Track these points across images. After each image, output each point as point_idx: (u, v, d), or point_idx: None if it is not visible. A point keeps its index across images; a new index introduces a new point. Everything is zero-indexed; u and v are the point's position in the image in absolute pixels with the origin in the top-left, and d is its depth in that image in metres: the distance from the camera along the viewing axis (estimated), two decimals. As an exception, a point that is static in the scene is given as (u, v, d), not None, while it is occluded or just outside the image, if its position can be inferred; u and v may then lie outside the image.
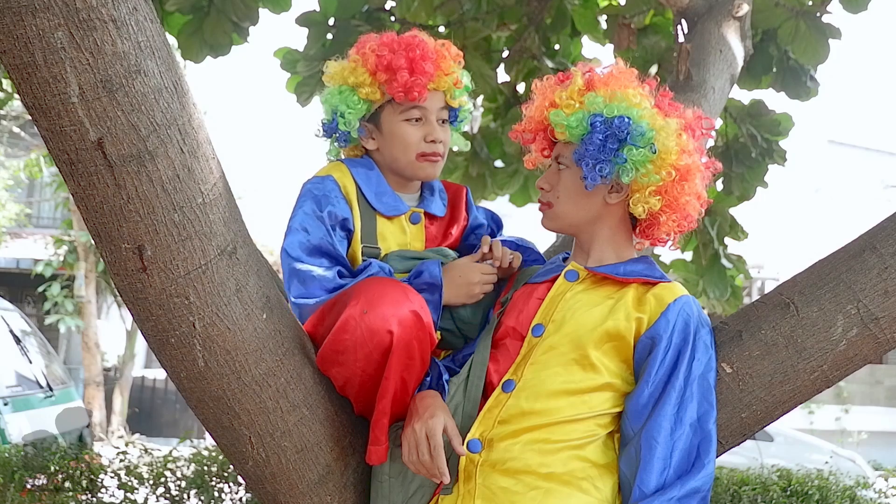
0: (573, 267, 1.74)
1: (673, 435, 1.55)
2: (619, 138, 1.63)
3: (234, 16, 3.59)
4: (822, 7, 3.60)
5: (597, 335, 1.62)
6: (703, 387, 1.60)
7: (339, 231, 1.83)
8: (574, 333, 1.64)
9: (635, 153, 1.62)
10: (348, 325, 1.60)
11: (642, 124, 1.63)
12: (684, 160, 1.65)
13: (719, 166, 1.80)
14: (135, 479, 4.15)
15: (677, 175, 1.65)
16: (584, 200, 1.72)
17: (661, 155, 1.63)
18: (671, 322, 1.61)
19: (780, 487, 4.02)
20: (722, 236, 4.34)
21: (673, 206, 1.68)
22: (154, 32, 1.37)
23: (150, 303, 1.49)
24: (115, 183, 1.37)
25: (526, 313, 1.72)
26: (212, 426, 1.66)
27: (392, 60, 1.83)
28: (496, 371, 1.69)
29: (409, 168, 1.90)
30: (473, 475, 1.59)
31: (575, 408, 1.60)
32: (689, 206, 1.69)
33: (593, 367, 1.62)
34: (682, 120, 1.70)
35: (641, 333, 1.63)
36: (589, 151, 1.65)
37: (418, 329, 1.63)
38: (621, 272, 1.69)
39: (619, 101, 1.65)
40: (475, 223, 2.05)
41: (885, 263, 1.70)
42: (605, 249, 1.74)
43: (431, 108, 1.89)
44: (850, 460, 8.99)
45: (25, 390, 5.85)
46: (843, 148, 18.06)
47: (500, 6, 3.96)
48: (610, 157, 1.64)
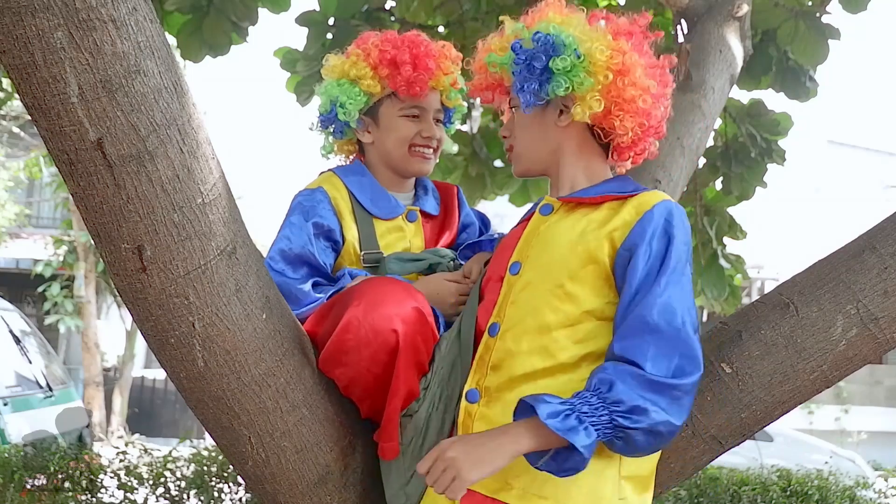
0: (547, 200, 1.70)
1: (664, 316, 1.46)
2: (543, 53, 1.60)
3: (233, 15, 3.60)
4: (821, 7, 3.60)
5: (571, 263, 1.57)
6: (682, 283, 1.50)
7: (322, 241, 1.86)
8: (548, 265, 1.59)
9: (559, 62, 1.59)
10: (351, 326, 1.60)
11: (562, 35, 1.61)
12: (618, 58, 1.60)
13: (673, 59, 1.73)
14: (134, 479, 4.15)
15: (615, 76, 1.60)
16: (538, 131, 1.69)
17: (589, 59, 1.60)
18: (648, 228, 1.52)
19: (780, 487, 4.02)
20: (721, 236, 4.35)
21: (622, 106, 1.61)
22: (154, 32, 1.37)
23: (150, 303, 1.49)
24: (115, 183, 1.37)
25: (504, 255, 1.69)
26: (211, 426, 1.66)
27: (396, 55, 1.88)
28: (483, 317, 1.65)
29: (402, 162, 1.94)
30: (470, 429, 1.57)
31: (563, 349, 1.54)
32: (640, 101, 1.61)
33: (570, 298, 1.56)
34: (612, 25, 1.66)
35: (617, 248, 1.54)
36: (517, 75, 1.64)
37: (422, 325, 1.64)
38: (591, 193, 1.63)
39: (538, 23, 1.64)
40: (467, 221, 2.09)
41: (885, 264, 1.70)
42: (576, 176, 1.68)
43: (429, 107, 1.95)
44: (850, 460, 8.98)
45: (25, 390, 5.84)
46: (843, 148, 18.05)
47: (499, 6, 3.96)
48: (535, 74, 1.61)
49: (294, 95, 3.97)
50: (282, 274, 1.78)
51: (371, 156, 1.99)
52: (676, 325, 1.46)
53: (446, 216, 2.04)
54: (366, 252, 1.88)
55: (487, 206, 6.97)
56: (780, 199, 13.71)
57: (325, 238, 1.87)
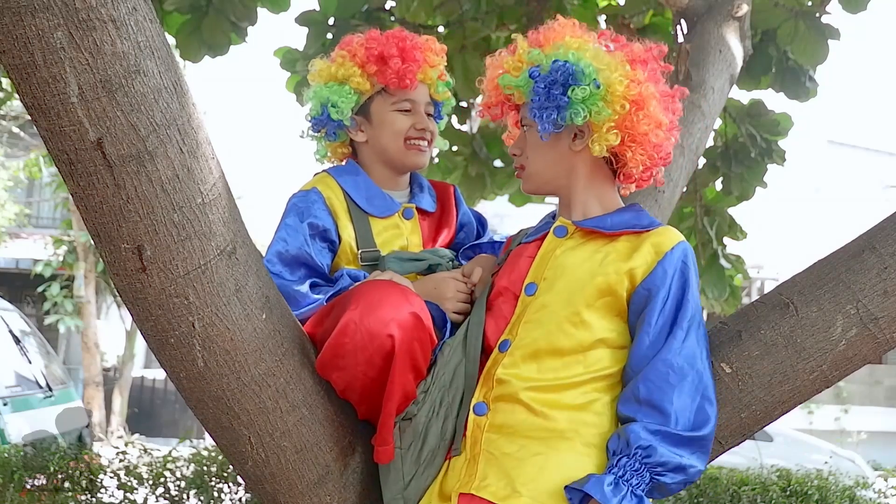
0: (561, 222, 1.72)
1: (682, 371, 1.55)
2: (562, 82, 1.61)
3: (232, 15, 3.60)
4: (821, 7, 3.60)
5: (588, 292, 1.61)
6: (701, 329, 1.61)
7: (318, 241, 1.87)
8: (565, 291, 1.62)
9: (578, 92, 1.60)
10: (348, 330, 1.60)
11: (581, 63, 1.62)
12: (634, 90, 1.62)
13: (685, 91, 1.76)
14: (134, 479, 4.15)
15: (631, 106, 1.62)
16: (551, 154, 1.70)
17: (607, 89, 1.61)
18: (669, 271, 1.59)
19: (780, 487, 4.02)
20: (721, 236, 4.35)
21: (635, 139, 1.64)
22: (154, 32, 1.37)
23: (150, 303, 1.49)
24: (115, 183, 1.37)
25: (518, 273, 1.70)
26: (211, 426, 1.66)
27: (383, 50, 1.91)
28: (492, 332, 1.69)
29: (398, 156, 1.95)
30: (479, 440, 1.60)
31: (570, 368, 1.59)
32: (652, 135, 1.64)
33: (584, 325, 1.61)
34: (629, 52, 1.67)
35: (636, 285, 1.60)
36: (535, 102, 1.65)
37: (419, 331, 1.63)
38: (608, 225, 1.66)
39: (556, 49, 1.65)
40: (464, 220, 2.10)
41: (885, 263, 1.70)
42: (588, 200, 1.71)
43: (419, 99, 1.97)
44: (850, 460, 8.99)
45: (25, 390, 5.85)
46: (843, 148, 18.06)
47: (499, 6, 3.96)
48: (555, 102, 1.62)
49: (294, 95, 3.97)
50: (279, 276, 1.79)
51: (365, 155, 2.00)
52: (699, 369, 1.56)
53: (443, 214, 2.05)
54: (363, 251, 1.88)
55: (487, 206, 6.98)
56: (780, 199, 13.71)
57: (322, 238, 1.87)
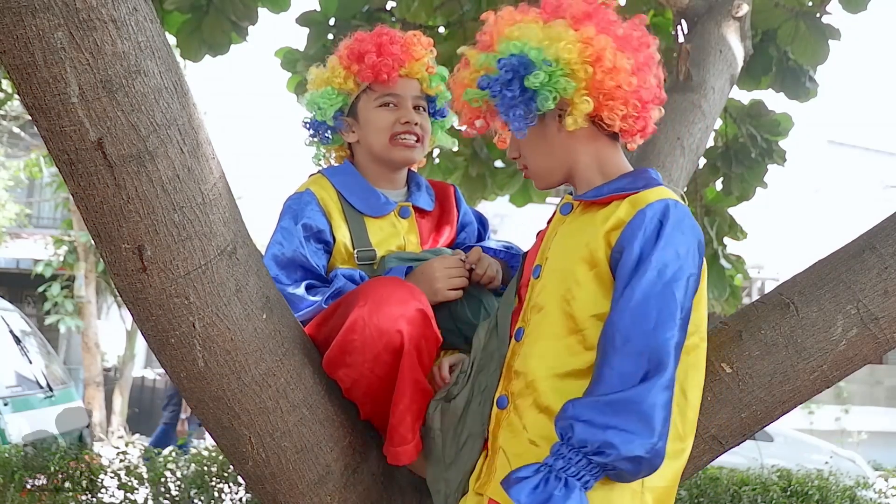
0: (567, 200, 1.65)
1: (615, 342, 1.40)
2: (515, 77, 1.55)
3: (232, 15, 3.60)
4: (821, 7, 3.60)
5: (578, 266, 1.52)
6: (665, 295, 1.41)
7: (313, 242, 1.88)
8: (560, 269, 1.55)
9: (533, 79, 1.54)
10: (357, 326, 1.61)
11: (524, 50, 1.55)
12: (588, 50, 1.53)
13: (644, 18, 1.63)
14: (135, 479, 4.15)
15: (592, 66, 1.53)
16: (545, 145, 1.64)
17: (560, 62, 1.54)
18: (637, 231, 1.44)
19: (780, 488, 4.02)
20: (721, 236, 4.35)
21: (607, 95, 1.54)
22: (154, 32, 1.37)
23: (150, 303, 1.49)
24: (115, 183, 1.37)
25: (530, 256, 1.67)
26: (212, 426, 1.67)
27: (361, 47, 1.94)
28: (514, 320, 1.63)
29: (384, 152, 1.96)
30: (497, 435, 1.56)
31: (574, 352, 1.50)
32: (624, 84, 1.54)
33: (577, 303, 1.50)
34: (570, 13, 1.58)
35: (612, 249, 1.47)
36: (500, 106, 1.59)
37: (426, 327, 1.64)
38: (604, 192, 1.56)
39: (496, 47, 1.59)
40: (465, 220, 2.10)
41: (885, 263, 1.71)
42: (591, 174, 1.62)
43: (405, 94, 1.97)
44: (850, 460, 8.99)
45: (25, 390, 5.84)
46: (843, 148, 18.06)
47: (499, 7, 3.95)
48: (517, 99, 1.56)
49: (294, 95, 3.98)
50: (276, 280, 1.79)
51: (358, 155, 2.01)
52: (646, 329, 1.39)
53: (443, 213, 2.05)
54: (359, 250, 1.89)
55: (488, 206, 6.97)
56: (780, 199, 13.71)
57: (316, 240, 1.88)
